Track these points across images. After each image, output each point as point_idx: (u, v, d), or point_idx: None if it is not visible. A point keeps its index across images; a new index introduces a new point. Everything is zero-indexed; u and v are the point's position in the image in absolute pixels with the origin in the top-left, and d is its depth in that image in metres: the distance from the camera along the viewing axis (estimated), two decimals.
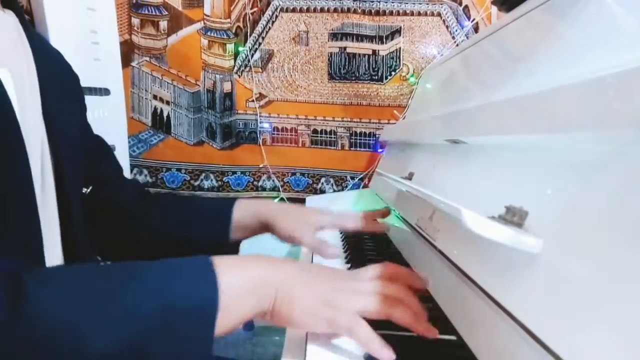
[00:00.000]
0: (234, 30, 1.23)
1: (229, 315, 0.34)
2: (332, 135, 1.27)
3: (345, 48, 1.22)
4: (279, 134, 1.27)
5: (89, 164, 0.58)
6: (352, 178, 1.27)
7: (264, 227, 0.63)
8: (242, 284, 0.36)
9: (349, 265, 0.65)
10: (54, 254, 0.46)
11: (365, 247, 0.75)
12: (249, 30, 1.22)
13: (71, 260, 0.48)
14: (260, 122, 1.25)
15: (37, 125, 0.44)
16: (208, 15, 1.21)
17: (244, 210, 0.64)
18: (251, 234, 0.65)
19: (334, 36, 1.22)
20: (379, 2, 1.18)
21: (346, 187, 1.28)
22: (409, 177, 0.71)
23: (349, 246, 0.73)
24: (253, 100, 1.25)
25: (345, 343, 0.38)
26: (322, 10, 1.21)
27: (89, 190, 0.58)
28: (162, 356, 0.31)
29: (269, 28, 1.23)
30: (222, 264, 0.35)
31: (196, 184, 1.27)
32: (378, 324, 0.38)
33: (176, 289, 0.33)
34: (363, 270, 0.43)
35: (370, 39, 1.21)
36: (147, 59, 1.21)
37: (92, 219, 0.60)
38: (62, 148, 0.47)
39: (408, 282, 0.43)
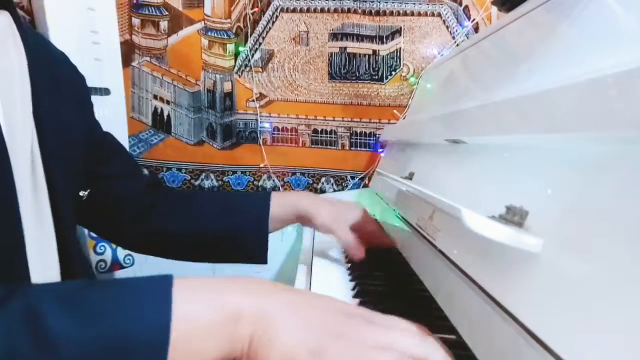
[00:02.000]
0: (234, 31, 1.23)
1: (187, 353, 0.27)
2: (333, 135, 1.27)
3: (345, 48, 1.22)
4: (279, 134, 1.27)
5: (95, 163, 0.58)
6: (353, 178, 1.27)
7: (299, 219, 0.66)
8: (207, 315, 0.28)
9: (349, 265, 0.65)
10: (49, 260, 0.45)
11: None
12: (249, 31, 1.22)
13: (65, 265, 0.47)
14: (260, 122, 1.25)
15: (27, 128, 0.43)
16: (208, 16, 1.21)
17: (280, 203, 0.65)
18: (285, 225, 0.67)
19: (334, 36, 1.22)
20: (379, 2, 1.18)
21: (346, 186, 1.28)
22: (409, 177, 0.71)
23: None
24: (253, 100, 1.25)
25: None
26: (322, 10, 1.21)
27: (86, 194, 0.58)
28: None
29: (269, 28, 1.23)
30: (183, 288, 0.28)
31: (196, 183, 1.27)
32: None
33: (117, 315, 0.26)
34: (384, 317, 0.33)
35: (371, 39, 1.21)
36: (148, 59, 1.21)
37: (99, 217, 0.60)
38: (53, 151, 0.45)
39: None
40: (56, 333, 0.24)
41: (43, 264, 0.43)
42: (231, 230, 0.63)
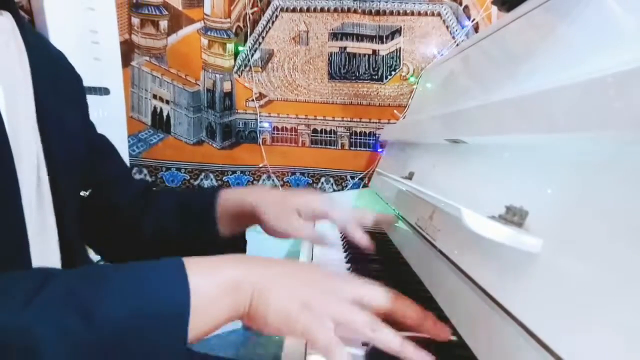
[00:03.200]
0: (234, 30, 1.23)
1: (203, 318, 0.32)
2: (332, 135, 1.27)
3: (345, 48, 1.22)
4: (278, 134, 1.27)
5: (91, 165, 0.57)
6: (352, 178, 1.27)
7: (252, 218, 0.56)
8: (215, 286, 0.33)
9: (349, 264, 0.65)
10: (51, 261, 0.45)
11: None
12: (249, 30, 1.22)
13: (68, 267, 0.47)
14: (260, 122, 1.25)
15: (30, 128, 0.43)
16: (208, 15, 1.21)
17: (228, 200, 0.58)
18: (242, 226, 0.60)
19: (334, 36, 1.22)
20: (379, 2, 1.18)
21: (346, 186, 1.28)
22: (409, 176, 0.71)
23: (349, 245, 0.73)
24: (253, 100, 1.25)
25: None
26: (322, 10, 1.21)
27: (88, 194, 0.57)
28: None
29: (269, 28, 1.23)
30: (193, 265, 0.33)
31: (196, 183, 1.27)
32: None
33: (144, 292, 0.31)
34: (357, 277, 0.39)
35: (371, 38, 1.21)
36: (147, 58, 1.21)
37: (93, 222, 0.59)
38: (57, 152, 0.45)
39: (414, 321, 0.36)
40: (97, 312, 0.28)
41: (45, 261, 0.43)
42: (186, 228, 0.60)
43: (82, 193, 0.56)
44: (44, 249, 0.43)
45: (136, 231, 0.61)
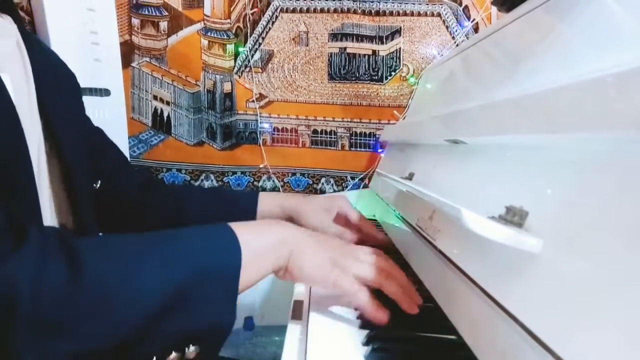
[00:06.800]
0: (234, 31, 1.23)
1: (251, 271, 0.40)
2: (332, 136, 1.27)
3: (345, 48, 1.22)
4: (279, 134, 1.27)
5: (93, 158, 0.59)
6: (352, 178, 1.27)
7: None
8: (260, 244, 0.41)
9: None
10: None
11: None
12: (249, 31, 1.22)
13: None
14: (260, 123, 1.25)
15: (35, 127, 0.46)
16: (208, 16, 1.21)
17: (270, 202, 0.68)
18: None
19: (334, 36, 1.22)
20: (379, 2, 1.18)
21: (346, 187, 1.28)
22: (409, 177, 0.71)
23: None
24: (253, 101, 1.25)
25: (345, 339, 0.38)
26: (322, 10, 1.21)
27: (98, 185, 0.59)
28: (195, 307, 0.36)
29: (269, 28, 1.23)
30: (241, 228, 0.41)
31: (196, 184, 1.27)
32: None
33: (205, 250, 0.38)
34: (360, 247, 0.51)
35: (370, 39, 1.21)
36: (147, 59, 1.21)
37: (103, 214, 0.61)
38: (66, 147, 0.48)
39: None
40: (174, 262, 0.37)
41: None
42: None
43: (94, 185, 0.58)
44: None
45: (141, 220, 0.63)
